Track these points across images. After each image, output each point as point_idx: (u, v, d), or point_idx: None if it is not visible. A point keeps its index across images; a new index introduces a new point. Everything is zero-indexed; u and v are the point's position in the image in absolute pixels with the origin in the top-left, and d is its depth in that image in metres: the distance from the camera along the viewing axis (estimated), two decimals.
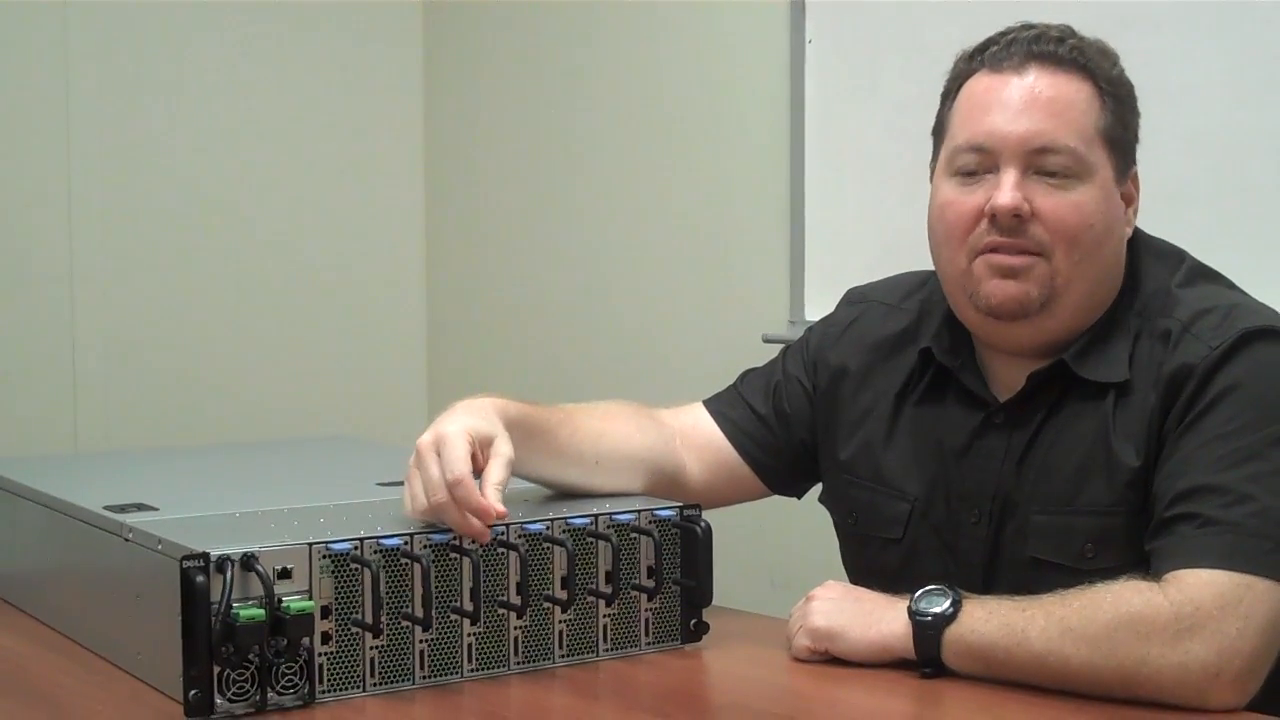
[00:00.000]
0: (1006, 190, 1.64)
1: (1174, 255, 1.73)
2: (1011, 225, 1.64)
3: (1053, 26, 1.70)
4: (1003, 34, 1.71)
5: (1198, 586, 1.47)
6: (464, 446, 1.57)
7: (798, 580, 1.85)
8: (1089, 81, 1.66)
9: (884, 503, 1.79)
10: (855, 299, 1.93)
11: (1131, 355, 1.65)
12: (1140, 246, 1.73)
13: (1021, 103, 1.65)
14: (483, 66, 3.78)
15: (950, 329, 1.77)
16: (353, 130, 3.82)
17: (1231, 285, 1.71)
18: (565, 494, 1.79)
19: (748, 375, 1.96)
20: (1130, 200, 1.71)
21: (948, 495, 1.74)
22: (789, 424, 1.89)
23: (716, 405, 1.93)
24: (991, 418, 1.72)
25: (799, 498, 1.97)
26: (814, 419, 1.88)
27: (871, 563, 1.80)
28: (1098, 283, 1.67)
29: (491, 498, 1.55)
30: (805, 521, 2.09)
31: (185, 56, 3.57)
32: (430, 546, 1.55)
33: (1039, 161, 1.64)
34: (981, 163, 1.67)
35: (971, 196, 1.67)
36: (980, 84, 1.69)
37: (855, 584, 1.75)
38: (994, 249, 1.66)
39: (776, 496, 1.95)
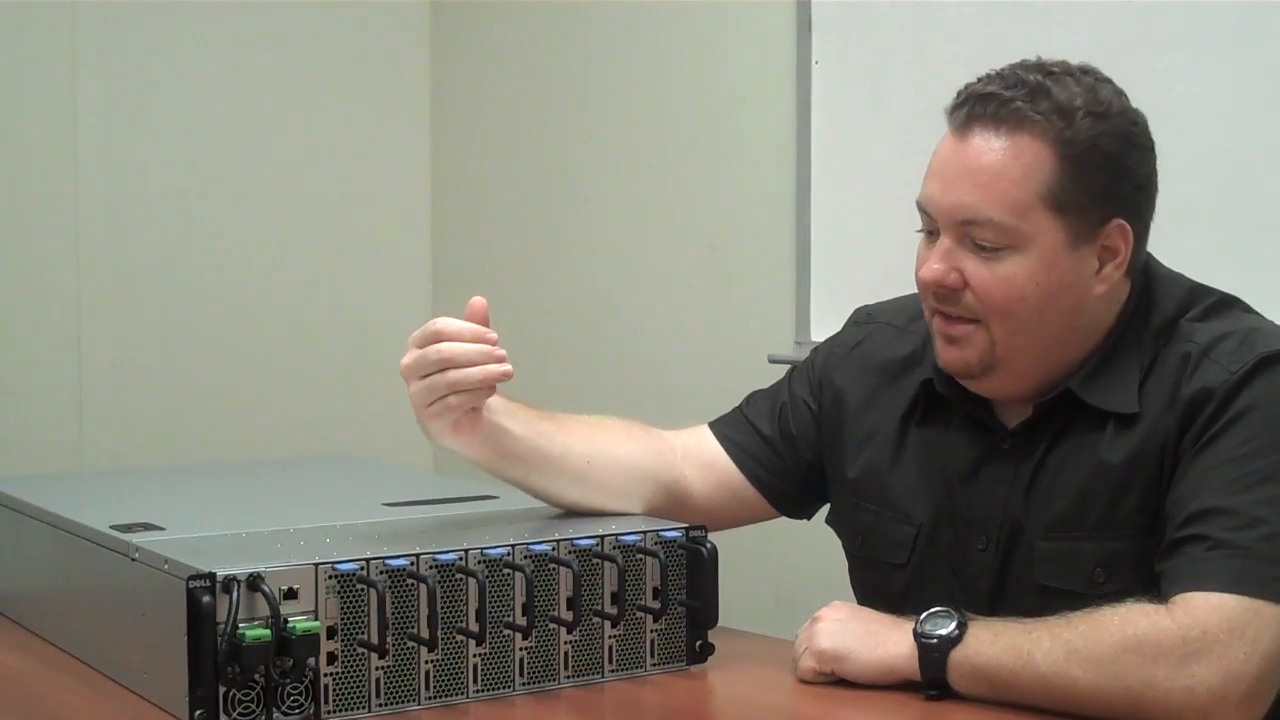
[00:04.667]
0: (930, 263, 1.64)
1: (1187, 285, 1.70)
2: (943, 295, 1.65)
3: (1015, 74, 1.63)
4: (969, 84, 1.67)
5: (1205, 610, 1.47)
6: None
7: (803, 600, 1.85)
8: (1037, 141, 1.59)
9: (889, 527, 1.78)
10: (862, 319, 1.93)
11: (1145, 382, 1.63)
12: (1152, 275, 1.70)
13: (953, 171, 1.63)
14: (489, 80, 3.78)
15: None
16: (359, 135, 3.82)
17: (1248, 309, 1.70)
18: (568, 512, 1.79)
19: (753, 397, 1.95)
20: (1114, 254, 1.63)
21: (954, 521, 1.73)
22: (795, 446, 1.88)
23: (722, 428, 1.92)
24: (999, 444, 1.71)
25: (808, 519, 1.97)
26: (820, 440, 1.87)
27: (878, 587, 1.80)
28: (1050, 344, 1.65)
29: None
30: (811, 541, 2.09)
31: (192, 62, 3.57)
32: (436, 567, 1.56)
33: (969, 231, 1.62)
34: (930, 223, 1.67)
35: (927, 255, 1.67)
36: (941, 143, 1.67)
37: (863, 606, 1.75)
38: (937, 313, 1.67)
39: (781, 517, 1.95)
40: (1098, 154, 1.61)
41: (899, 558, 1.76)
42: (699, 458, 1.89)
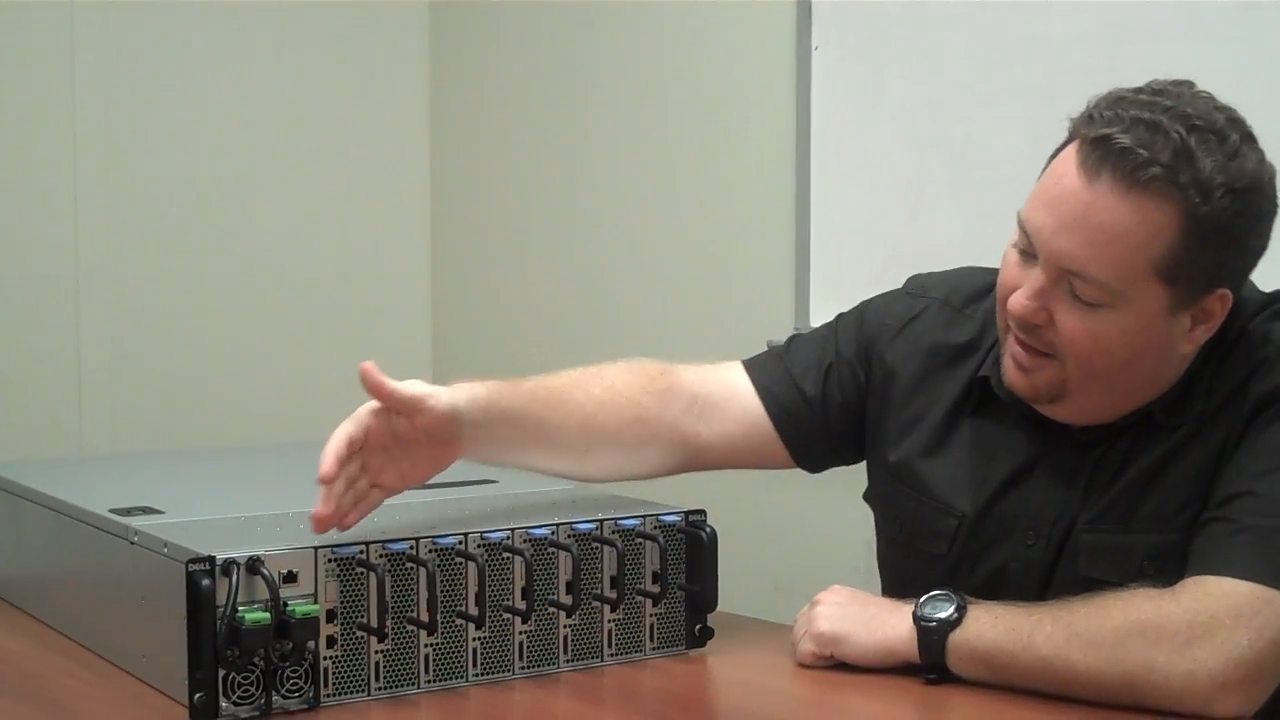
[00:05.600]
0: (1021, 295, 1.57)
1: (1259, 295, 1.66)
2: (1026, 327, 1.59)
3: (1159, 123, 1.51)
4: (1115, 104, 1.54)
5: (1216, 596, 1.46)
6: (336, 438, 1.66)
7: (802, 585, 1.84)
8: (1165, 209, 1.50)
9: (930, 516, 1.73)
10: (916, 290, 1.85)
11: (1210, 390, 1.60)
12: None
13: (1071, 213, 1.52)
14: (488, 74, 3.78)
15: None
16: (358, 133, 3.82)
17: None
18: (568, 497, 1.79)
19: (796, 345, 1.88)
20: (1208, 317, 1.57)
21: (1003, 515, 1.69)
22: (836, 411, 1.82)
23: (760, 376, 1.85)
24: (1059, 442, 1.67)
25: (815, 472, 1.90)
26: (862, 411, 1.82)
27: (916, 574, 1.73)
28: (1125, 392, 1.61)
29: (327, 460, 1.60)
30: (810, 527, 2.09)
31: (191, 59, 3.56)
32: (436, 551, 1.56)
33: (1069, 280, 1.54)
34: (1027, 245, 1.59)
35: (1018, 275, 1.60)
36: (1063, 163, 1.56)
37: (892, 590, 1.73)
38: (1014, 335, 1.62)
39: (781, 501, 1.94)
40: (1224, 233, 1.53)
41: (939, 548, 1.72)
42: (725, 403, 1.83)
